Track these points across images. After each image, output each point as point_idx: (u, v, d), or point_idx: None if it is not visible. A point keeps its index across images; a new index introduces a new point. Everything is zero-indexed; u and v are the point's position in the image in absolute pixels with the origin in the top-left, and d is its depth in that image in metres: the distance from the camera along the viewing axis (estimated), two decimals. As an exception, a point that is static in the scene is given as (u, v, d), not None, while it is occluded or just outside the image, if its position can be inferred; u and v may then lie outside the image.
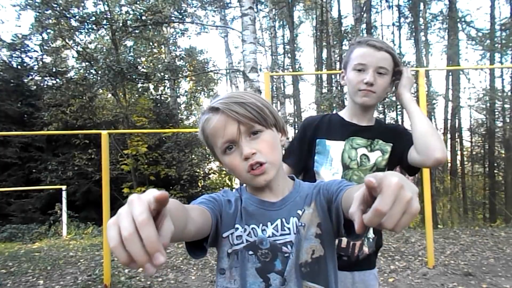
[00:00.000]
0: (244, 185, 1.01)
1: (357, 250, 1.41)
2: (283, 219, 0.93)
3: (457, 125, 15.81)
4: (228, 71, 18.25)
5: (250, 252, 0.91)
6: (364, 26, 14.73)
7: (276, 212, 0.95)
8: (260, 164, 0.89)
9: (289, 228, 0.93)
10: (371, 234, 1.44)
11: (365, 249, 1.42)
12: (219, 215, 0.92)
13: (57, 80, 14.77)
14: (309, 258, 0.92)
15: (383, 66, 1.34)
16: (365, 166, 1.37)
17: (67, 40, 13.62)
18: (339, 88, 15.21)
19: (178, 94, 18.96)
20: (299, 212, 0.95)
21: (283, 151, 1.43)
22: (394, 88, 1.40)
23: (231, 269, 0.92)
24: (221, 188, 19.96)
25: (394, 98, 15.22)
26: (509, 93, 14.04)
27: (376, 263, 1.51)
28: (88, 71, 13.56)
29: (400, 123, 17.02)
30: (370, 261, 1.46)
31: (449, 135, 16.04)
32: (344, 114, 1.46)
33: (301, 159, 1.43)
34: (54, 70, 14.36)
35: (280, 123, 0.96)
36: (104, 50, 13.27)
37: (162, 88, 16.96)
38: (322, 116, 1.49)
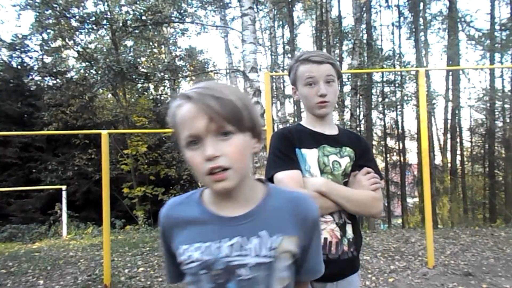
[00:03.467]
0: (203, 190, 0.93)
1: (335, 249, 1.42)
2: (243, 238, 0.84)
3: (457, 125, 15.81)
4: (228, 71, 18.26)
5: (204, 271, 0.84)
6: (364, 26, 14.73)
7: (235, 228, 0.85)
8: (223, 169, 0.80)
9: (248, 249, 0.84)
10: (350, 233, 1.45)
11: (345, 248, 1.43)
12: (169, 246, 0.92)
13: (57, 80, 14.79)
14: None
15: (330, 74, 1.46)
16: (337, 171, 1.44)
17: (67, 40, 13.62)
18: (339, 88, 15.21)
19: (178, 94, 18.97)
20: (267, 235, 0.85)
21: (269, 160, 1.47)
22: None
23: (190, 286, 0.89)
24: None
25: (394, 98, 15.24)
26: (509, 93, 14.04)
27: (359, 266, 1.53)
28: (88, 71, 13.57)
29: (400, 123, 17.05)
30: (353, 265, 1.47)
31: (449, 135, 16.05)
32: (307, 124, 1.54)
33: (296, 160, 1.47)
34: (54, 70, 14.37)
35: (258, 128, 0.87)
36: (104, 50, 13.27)
37: (162, 88, 16.97)
38: (289, 127, 1.60)
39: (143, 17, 10.66)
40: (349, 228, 1.45)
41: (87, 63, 13.18)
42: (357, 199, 1.40)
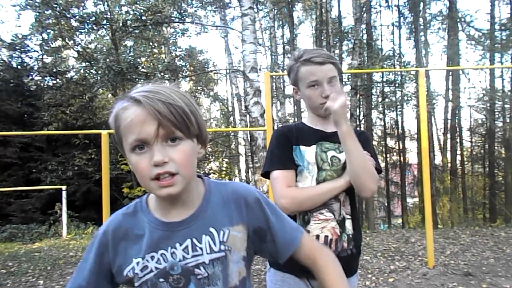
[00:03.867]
0: (147, 198, 0.92)
1: (334, 246, 1.42)
2: (194, 239, 0.86)
3: (457, 125, 15.80)
4: (228, 71, 18.26)
5: (161, 280, 0.85)
6: (364, 26, 14.73)
7: (185, 231, 0.86)
8: (170, 174, 0.80)
9: (201, 248, 0.86)
10: (349, 229, 1.46)
11: (344, 244, 1.44)
12: (108, 268, 0.88)
13: (57, 80, 14.78)
14: (238, 282, 0.89)
15: (332, 75, 1.46)
16: (337, 166, 1.46)
17: (67, 40, 13.62)
18: (339, 88, 15.20)
19: (178, 94, 18.97)
20: (215, 230, 0.87)
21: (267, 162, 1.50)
22: (325, 110, 1.46)
23: None
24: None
25: (394, 98, 15.24)
26: (509, 93, 14.04)
27: (357, 267, 1.53)
28: (88, 71, 13.56)
29: (400, 123, 17.05)
30: (351, 265, 1.47)
31: (449, 135, 16.04)
32: (309, 122, 1.57)
33: (291, 159, 1.49)
34: (54, 70, 14.37)
35: (204, 134, 0.87)
36: (104, 50, 13.28)
37: (162, 88, 16.96)
38: (290, 125, 1.60)
39: (143, 17, 10.66)
40: (348, 224, 1.46)
41: (87, 63, 13.18)
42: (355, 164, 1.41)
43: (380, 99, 15.99)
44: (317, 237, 1.42)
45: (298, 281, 1.44)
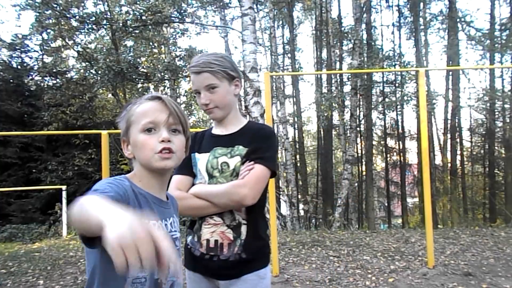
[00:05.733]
0: (127, 178, 1.05)
1: (226, 249, 1.43)
2: (174, 218, 1.13)
3: (457, 125, 15.80)
4: (228, 71, 18.18)
5: None
6: (364, 26, 14.72)
7: (169, 210, 1.12)
8: (171, 151, 1.04)
9: (175, 226, 1.13)
10: (244, 234, 1.45)
11: (236, 249, 1.44)
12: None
13: (57, 80, 14.77)
14: None
15: (209, 83, 1.48)
16: (226, 172, 1.47)
17: (67, 40, 13.62)
18: (339, 88, 15.21)
19: (178, 94, 18.95)
20: (175, 215, 1.16)
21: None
22: None
23: None
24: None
25: (394, 98, 15.23)
26: (509, 93, 14.04)
27: (259, 266, 1.48)
28: (88, 71, 13.55)
29: (400, 123, 17.06)
30: (246, 266, 1.45)
31: (449, 135, 16.04)
32: (214, 127, 1.62)
33: (188, 169, 1.55)
34: (54, 70, 14.36)
35: (187, 134, 1.12)
36: (104, 50, 13.26)
37: (162, 88, 16.96)
38: (200, 131, 1.64)
39: (143, 17, 10.66)
40: (243, 230, 1.45)
41: (87, 63, 13.17)
42: (218, 192, 1.43)
43: (380, 99, 15.99)
44: (208, 241, 1.46)
45: (202, 277, 1.51)
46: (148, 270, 0.90)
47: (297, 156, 18.55)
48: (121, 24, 10.88)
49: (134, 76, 12.28)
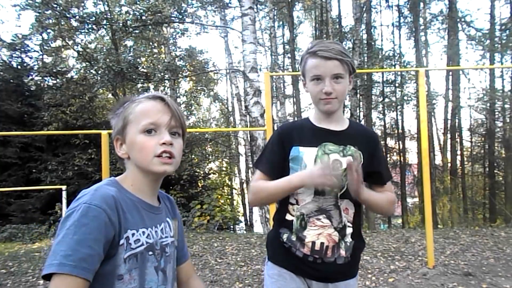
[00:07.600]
0: (116, 182, 1.02)
1: (331, 252, 1.40)
2: (165, 223, 1.08)
3: (457, 125, 15.80)
4: (228, 71, 18.24)
5: (150, 253, 0.99)
6: (364, 26, 14.72)
7: (160, 216, 1.07)
8: (171, 156, 0.99)
9: (167, 232, 1.07)
10: (349, 237, 1.44)
11: (342, 252, 1.42)
12: (110, 239, 0.91)
13: (57, 80, 14.76)
14: (175, 264, 1.13)
15: (337, 72, 1.40)
16: (337, 171, 1.38)
17: (67, 40, 13.62)
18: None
19: (178, 94, 18.94)
20: (170, 221, 1.11)
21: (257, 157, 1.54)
22: (347, 187, 1.38)
23: (131, 271, 0.95)
24: (221, 189, 19.94)
25: (394, 98, 15.24)
26: (509, 93, 14.03)
27: (357, 272, 1.51)
28: (88, 71, 13.56)
29: (400, 123, 17.05)
30: (349, 270, 1.46)
31: (449, 135, 16.04)
32: (314, 119, 1.50)
33: (276, 166, 1.46)
34: (54, 70, 14.35)
35: (185, 138, 1.09)
36: (104, 50, 13.27)
37: (162, 88, 16.96)
38: (293, 122, 1.57)
39: (143, 17, 10.65)
40: (349, 232, 1.43)
41: (87, 63, 13.17)
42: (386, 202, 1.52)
43: (380, 99, 15.99)
44: (313, 243, 1.39)
45: (294, 277, 1.43)
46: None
47: (297, 156, 18.50)
48: (121, 24, 10.88)
49: (134, 76, 12.27)
